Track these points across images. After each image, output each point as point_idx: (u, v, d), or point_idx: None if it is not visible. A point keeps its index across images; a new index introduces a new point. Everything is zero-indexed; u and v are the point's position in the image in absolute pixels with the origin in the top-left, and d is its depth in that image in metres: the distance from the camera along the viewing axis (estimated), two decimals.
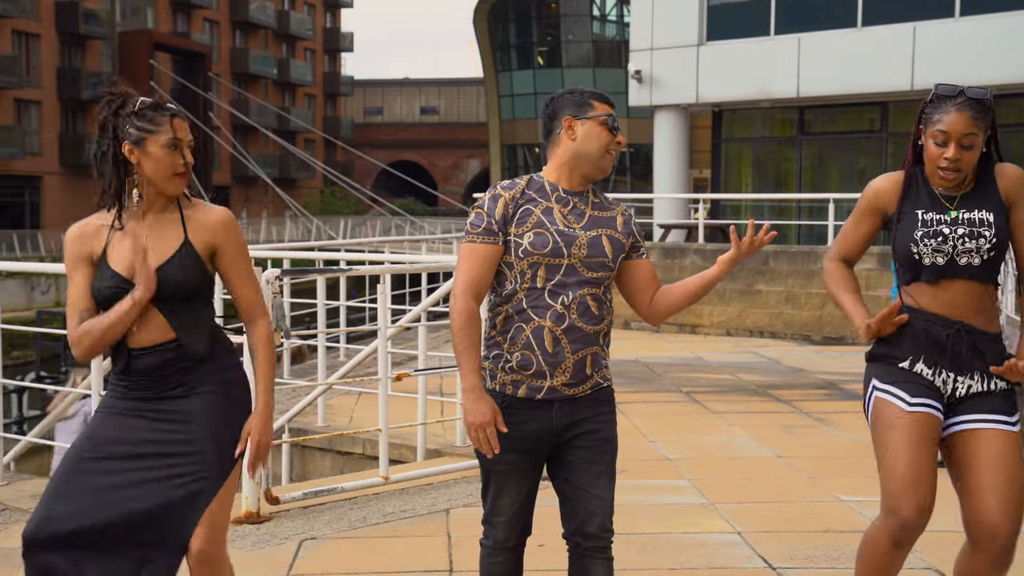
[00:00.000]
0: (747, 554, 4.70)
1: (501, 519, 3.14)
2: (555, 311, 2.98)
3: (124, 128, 2.87)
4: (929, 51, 17.79)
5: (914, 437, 3.02)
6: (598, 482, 3.06)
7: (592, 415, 3.05)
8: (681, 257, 14.62)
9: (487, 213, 3.02)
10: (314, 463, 7.64)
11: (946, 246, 3.02)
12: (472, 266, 3.01)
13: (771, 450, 6.85)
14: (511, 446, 3.03)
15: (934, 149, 3.04)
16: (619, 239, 3.08)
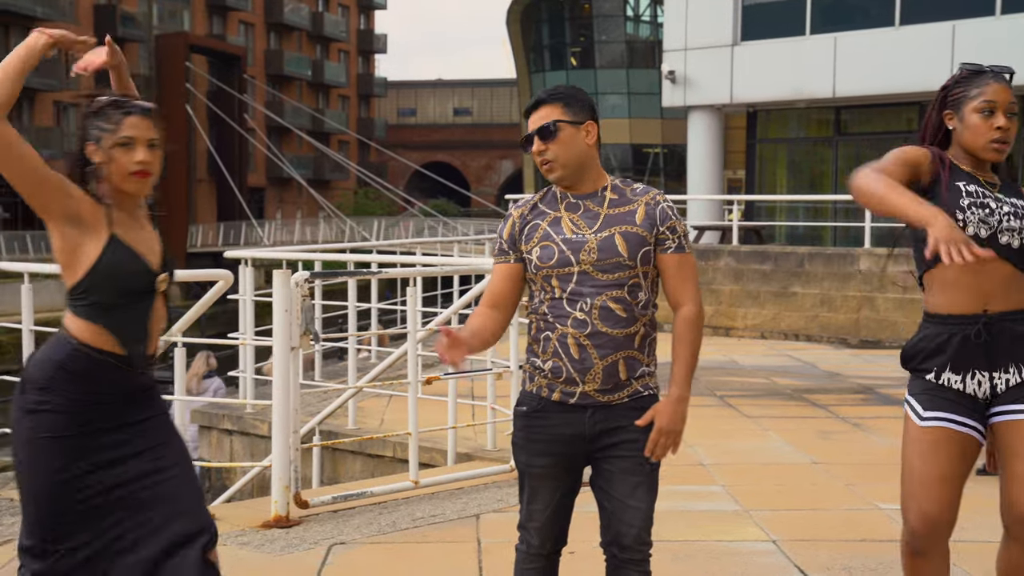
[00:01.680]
0: (782, 563, 4.61)
1: (535, 524, 3.10)
2: (576, 318, 2.93)
3: (88, 128, 2.84)
4: (969, 50, 17.50)
5: (925, 450, 2.99)
6: (635, 493, 2.99)
7: (630, 424, 2.97)
8: (715, 259, 14.49)
9: (499, 234, 3.11)
10: (344, 465, 7.61)
11: (992, 219, 2.92)
12: (492, 281, 3.11)
13: (807, 456, 6.74)
14: (543, 449, 3.01)
15: (981, 122, 2.97)
16: (637, 233, 2.95)
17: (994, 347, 2.95)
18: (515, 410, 3.11)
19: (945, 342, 2.99)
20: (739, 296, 14.15)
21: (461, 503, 5.60)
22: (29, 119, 43.19)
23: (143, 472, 2.85)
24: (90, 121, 2.83)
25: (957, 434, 2.99)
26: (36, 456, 2.78)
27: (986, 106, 2.96)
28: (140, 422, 2.89)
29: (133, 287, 2.83)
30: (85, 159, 2.83)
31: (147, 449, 2.87)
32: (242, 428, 8.24)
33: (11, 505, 5.51)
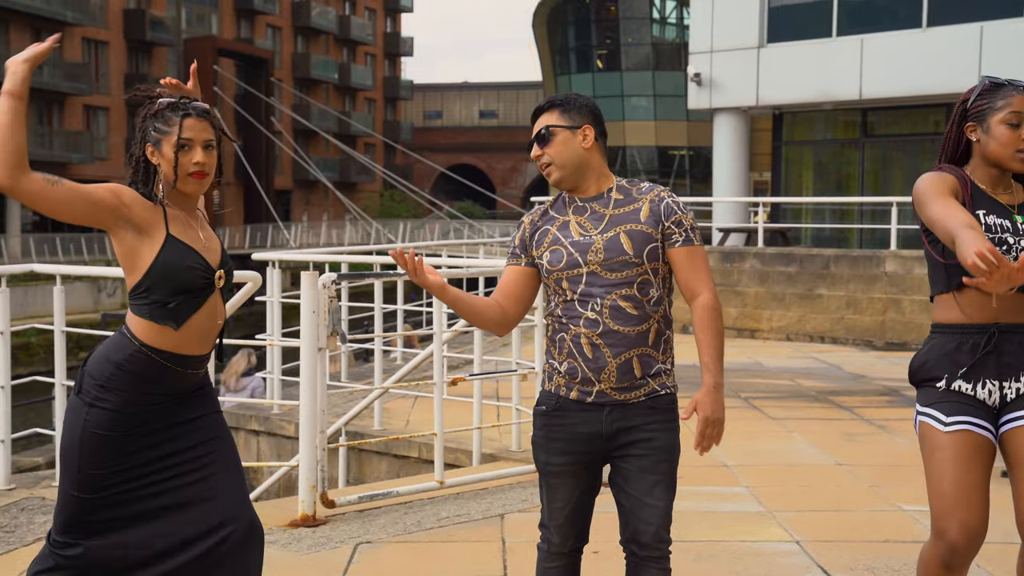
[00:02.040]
0: (806, 563, 4.62)
1: (555, 522, 3.13)
2: (587, 318, 2.97)
3: (148, 130, 2.89)
4: (996, 51, 17.42)
5: (955, 457, 2.93)
6: (653, 491, 3.02)
7: (646, 423, 3.01)
8: (740, 261, 14.47)
9: (512, 239, 3.19)
10: (371, 466, 7.67)
11: (1008, 255, 2.92)
12: (503, 280, 3.19)
13: (831, 457, 6.74)
14: (562, 448, 3.05)
15: (1008, 132, 2.96)
16: (642, 230, 2.99)
17: (1003, 357, 2.95)
18: (535, 409, 3.16)
19: (955, 350, 2.99)
20: (764, 298, 14.13)
21: (486, 503, 5.64)
22: (59, 123, 43.62)
23: (186, 470, 2.91)
24: (149, 123, 2.89)
25: (982, 438, 2.97)
26: (81, 448, 2.85)
27: (1014, 117, 2.95)
28: (191, 420, 2.96)
29: (190, 284, 2.87)
30: (146, 161, 2.89)
31: (194, 446, 2.94)
32: (269, 429, 8.32)
33: (42, 504, 5.60)
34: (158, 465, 2.89)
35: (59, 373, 6.02)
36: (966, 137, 3.08)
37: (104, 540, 2.88)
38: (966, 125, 3.05)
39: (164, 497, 2.89)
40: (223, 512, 2.91)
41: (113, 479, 2.86)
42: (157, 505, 2.89)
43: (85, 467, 2.85)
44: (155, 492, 2.88)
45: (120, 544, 2.88)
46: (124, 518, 2.88)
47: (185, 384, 2.95)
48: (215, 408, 3.07)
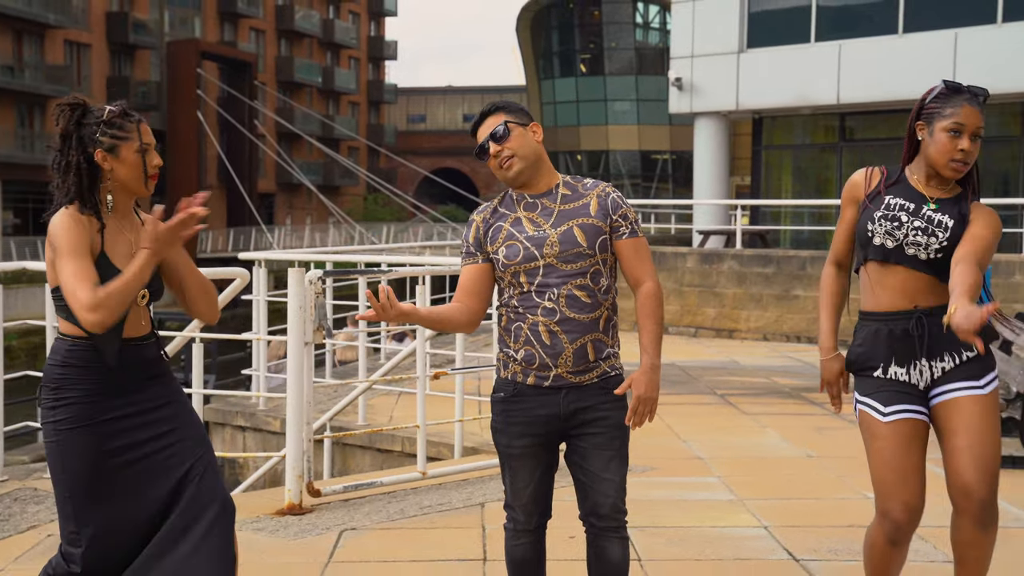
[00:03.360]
0: (772, 546, 4.83)
1: (520, 502, 3.32)
2: (544, 307, 3.14)
3: (92, 136, 2.97)
4: (971, 58, 17.73)
5: (895, 444, 3.17)
6: (609, 466, 3.22)
7: (600, 403, 3.20)
8: (718, 263, 14.70)
9: (465, 239, 3.34)
10: (354, 460, 7.85)
11: (898, 232, 3.15)
12: (461, 280, 3.34)
13: (802, 450, 6.96)
14: (522, 431, 3.22)
15: (947, 141, 3.12)
16: (593, 224, 3.17)
17: (929, 338, 3.17)
18: (492, 397, 3.34)
19: (887, 336, 3.22)
20: (742, 299, 14.36)
21: (467, 492, 5.82)
22: (41, 125, 43.55)
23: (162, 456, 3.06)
24: (99, 129, 2.97)
25: (918, 423, 3.21)
26: (63, 448, 2.98)
27: (956, 127, 3.11)
28: (157, 408, 3.09)
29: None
30: (89, 166, 2.98)
31: (164, 433, 3.07)
32: (255, 424, 8.48)
33: (34, 494, 5.75)
34: (133, 454, 3.02)
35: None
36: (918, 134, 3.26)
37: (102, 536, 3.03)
38: (917, 123, 3.23)
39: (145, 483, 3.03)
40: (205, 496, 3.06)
41: (101, 467, 2.99)
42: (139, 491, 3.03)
43: (72, 462, 2.98)
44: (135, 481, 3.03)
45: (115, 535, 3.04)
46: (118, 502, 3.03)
47: (133, 366, 3.05)
48: (179, 397, 3.17)
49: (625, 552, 3.29)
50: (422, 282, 6.32)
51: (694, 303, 14.72)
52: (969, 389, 3.16)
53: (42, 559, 4.61)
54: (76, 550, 3.03)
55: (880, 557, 3.31)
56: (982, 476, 3.10)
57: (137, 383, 3.06)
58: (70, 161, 2.97)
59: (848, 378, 3.43)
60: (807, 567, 4.54)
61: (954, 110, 3.12)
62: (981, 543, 3.19)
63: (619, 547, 3.27)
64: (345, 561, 4.65)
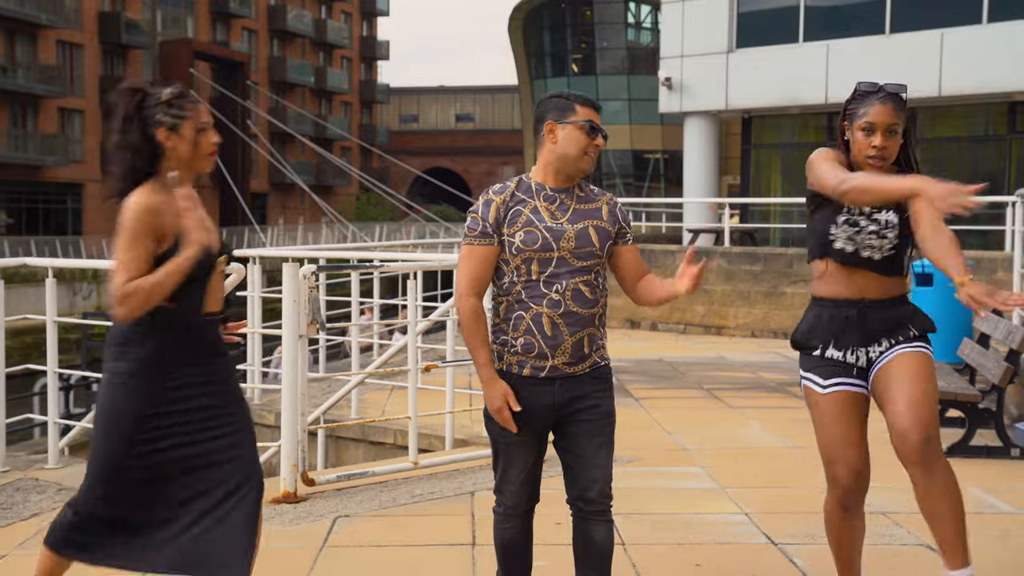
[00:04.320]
0: (752, 531, 5.00)
1: (511, 487, 3.46)
2: (551, 299, 3.28)
3: (154, 117, 3.18)
4: (957, 57, 17.94)
5: (835, 413, 3.42)
6: (599, 452, 3.38)
7: (592, 391, 3.36)
8: (707, 260, 14.87)
9: (482, 218, 3.34)
10: (347, 452, 8.00)
11: (858, 237, 3.36)
12: (472, 267, 3.33)
13: (784, 441, 7.13)
14: (519, 421, 3.34)
15: (862, 139, 3.35)
16: (605, 227, 3.36)
17: (868, 327, 3.42)
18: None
19: (828, 321, 3.45)
20: (730, 296, 14.54)
21: (457, 482, 5.98)
22: (34, 125, 43.62)
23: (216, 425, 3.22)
24: (160, 109, 3.18)
25: (856, 394, 3.46)
26: (117, 392, 3.15)
27: (867, 125, 3.34)
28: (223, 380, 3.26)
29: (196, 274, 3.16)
30: (151, 144, 3.18)
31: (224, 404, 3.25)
32: None
33: (35, 484, 5.90)
34: (194, 416, 3.20)
35: (51, 361, 6.33)
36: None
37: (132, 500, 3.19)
38: (843, 123, 3.46)
39: (194, 448, 3.20)
40: (245, 470, 3.25)
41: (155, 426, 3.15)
42: (186, 455, 3.19)
43: (129, 418, 3.13)
44: (188, 442, 3.19)
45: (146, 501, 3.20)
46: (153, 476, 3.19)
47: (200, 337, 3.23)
48: (235, 375, 3.39)
49: (610, 535, 3.44)
50: (413, 277, 6.47)
51: (683, 300, 14.89)
52: (901, 349, 3.39)
53: None
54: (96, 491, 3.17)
55: (838, 525, 3.54)
56: (916, 420, 3.25)
57: (202, 355, 3.23)
58: (132, 141, 3.16)
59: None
60: (785, 551, 4.71)
61: (866, 110, 3.34)
62: (933, 492, 3.29)
63: (605, 530, 3.42)
64: (339, 546, 4.81)
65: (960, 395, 6.42)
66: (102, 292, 34.90)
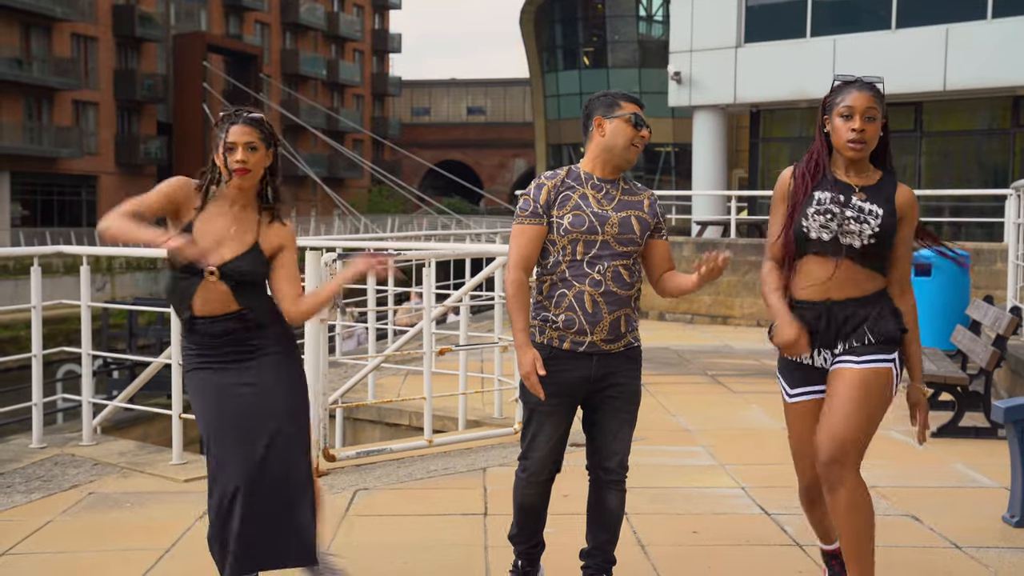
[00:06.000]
0: (747, 503, 5.32)
1: (538, 454, 3.73)
2: (593, 278, 3.58)
3: (215, 139, 3.61)
4: (962, 52, 18.17)
5: (800, 421, 3.60)
6: (623, 428, 3.71)
7: (624, 369, 3.67)
8: (713, 251, 15.16)
9: (533, 199, 3.64)
10: (364, 434, 8.34)
11: (832, 224, 3.44)
12: (522, 243, 3.64)
13: (783, 423, 7.39)
14: (555, 391, 3.63)
15: (842, 125, 3.46)
16: (646, 219, 3.67)
17: (831, 329, 3.49)
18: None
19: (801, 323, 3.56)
20: (736, 286, 14.84)
21: (470, 459, 6.31)
22: (48, 118, 44.03)
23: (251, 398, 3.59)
24: (216, 132, 3.60)
25: (820, 401, 3.55)
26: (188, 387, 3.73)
27: (846, 111, 3.45)
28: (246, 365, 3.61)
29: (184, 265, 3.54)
30: (214, 163, 3.61)
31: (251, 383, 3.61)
32: None
33: (72, 459, 6.25)
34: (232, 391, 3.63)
35: (85, 345, 6.68)
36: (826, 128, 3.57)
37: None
38: (824, 117, 3.57)
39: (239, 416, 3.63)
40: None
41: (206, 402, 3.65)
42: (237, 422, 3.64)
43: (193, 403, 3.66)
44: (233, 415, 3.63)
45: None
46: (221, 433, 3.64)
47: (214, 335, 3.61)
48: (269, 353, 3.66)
49: (623, 502, 3.78)
50: (428, 265, 6.79)
51: None
52: (848, 363, 3.46)
53: (86, 513, 5.13)
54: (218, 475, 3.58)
55: (808, 512, 3.81)
56: (829, 439, 3.41)
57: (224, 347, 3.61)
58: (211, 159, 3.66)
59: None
60: (777, 520, 5.03)
61: (844, 97, 3.47)
62: (835, 509, 3.44)
63: (618, 497, 3.76)
64: (359, 515, 5.14)
65: (950, 379, 6.72)
66: (116, 285, 35.34)
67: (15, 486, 5.64)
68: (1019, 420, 4.82)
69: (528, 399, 3.71)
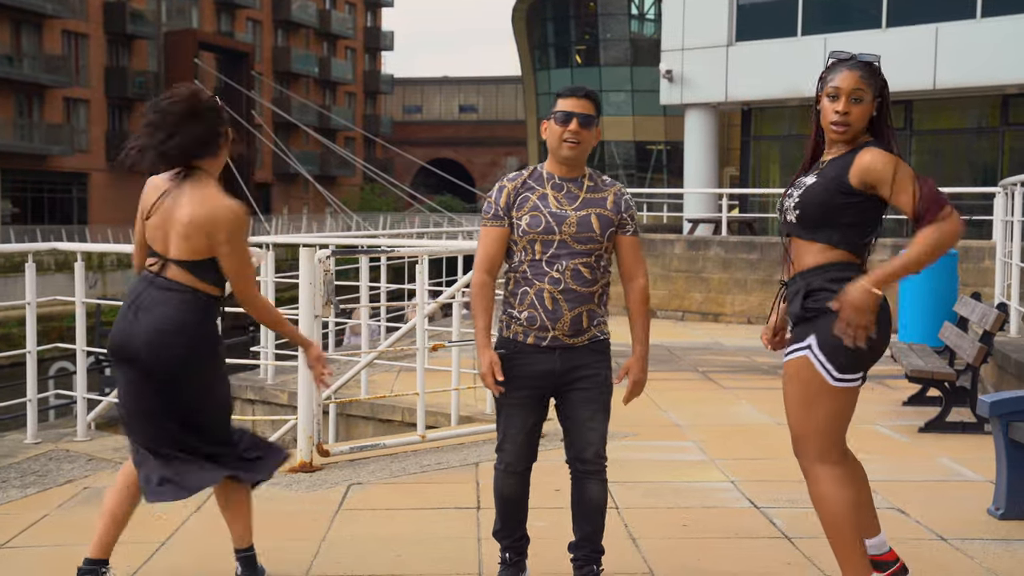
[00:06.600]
0: (736, 497, 5.38)
1: (511, 445, 3.82)
2: (552, 276, 3.66)
3: None
4: (951, 51, 18.28)
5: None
6: (595, 417, 3.75)
7: (591, 362, 3.73)
8: (705, 248, 15.25)
9: (494, 202, 3.73)
10: (358, 429, 8.38)
11: (786, 202, 3.49)
12: (486, 244, 3.74)
13: (772, 418, 7.49)
14: (521, 384, 3.71)
15: (827, 105, 3.43)
16: (608, 216, 3.70)
17: (791, 306, 3.50)
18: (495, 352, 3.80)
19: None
20: (727, 284, 14.91)
21: (463, 454, 6.36)
22: (39, 115, 43.96)
23: None
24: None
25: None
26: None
27: (833, 91, 3.41)
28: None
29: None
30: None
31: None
32: (264, 398, 9.02)
33: (67, 455, 6.29)
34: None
35: (80, 341, 6.71)
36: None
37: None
38: (817, 95, 3.51)
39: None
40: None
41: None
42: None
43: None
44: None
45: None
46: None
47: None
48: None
49: (604, 492, 3.83)
50: (420, 263, 6.83)
51: (681, 288, 15.27)
52: (789, 354, 3.49)
53: (81, 508, 5.17)
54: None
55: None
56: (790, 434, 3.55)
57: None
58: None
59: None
60: (766, 513, 5.09)
61: (832, 76, 3.42)
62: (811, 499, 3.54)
63: (599, 487, 3.80)
64: (353, 509, 5.19)
65: (937, 374, 6.80)
66: (108, 281, 35.31)
67: (10, 481, 5.68)
68: (1004, 415, 4.89)
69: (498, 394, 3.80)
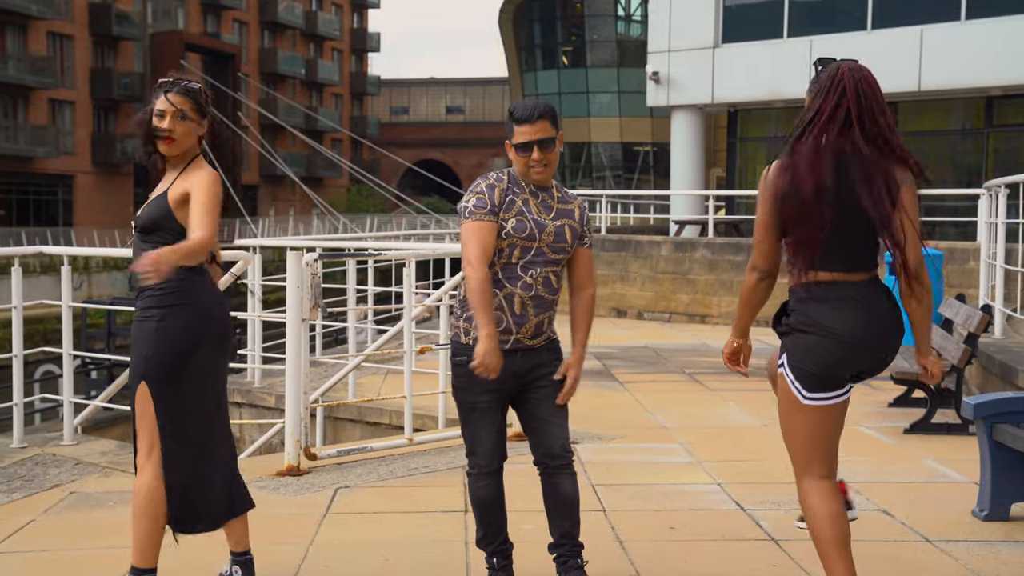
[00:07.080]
0: (723, 499, 5.40)
1: (483, 448, 3.85)
2: (525, 282, 3.70)
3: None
4: (936, 53, 18.37)
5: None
6: (558, 412, 3.80)
7: (549, 360, 3.80)
8: (691, 250, 15.28)
9: (488, 198, 3.69)
10: (345, 432, 8.38)
11: None
12: (482, 237, 3.63)
13: (759, 420, 7.53)
14: (486, 387, 3.71)
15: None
16: (576, 228, 3.80)
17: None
18: (455, 360, 3.80)
19: None
20: (713, 285, 14.95)
21: (450, 457, 6.37)
22: (24, 117, 43.77)
23: None
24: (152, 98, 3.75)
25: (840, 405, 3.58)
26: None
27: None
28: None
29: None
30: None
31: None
32: (251, 400, 9.01)
33: (53, 459, 6.27)
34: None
35: (66, 345, 6.69)
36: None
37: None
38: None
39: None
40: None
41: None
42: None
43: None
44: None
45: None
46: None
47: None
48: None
49: (575, 485, 3.85)
50: (407, 265, 6.84)
51: (668, 290, 15.31)
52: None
53: (68, 512, 5.17)
54: None
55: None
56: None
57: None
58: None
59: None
60: (752, 515, 5.11)
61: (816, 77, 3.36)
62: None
63: (570, 481, 3.84)
64: (341, 513, 5.19)
65: (922, 376, 6.81)
66: (93, 284, 35.18)
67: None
68: (988, 416, 4.93)
69: (464, 400, 3.80)
